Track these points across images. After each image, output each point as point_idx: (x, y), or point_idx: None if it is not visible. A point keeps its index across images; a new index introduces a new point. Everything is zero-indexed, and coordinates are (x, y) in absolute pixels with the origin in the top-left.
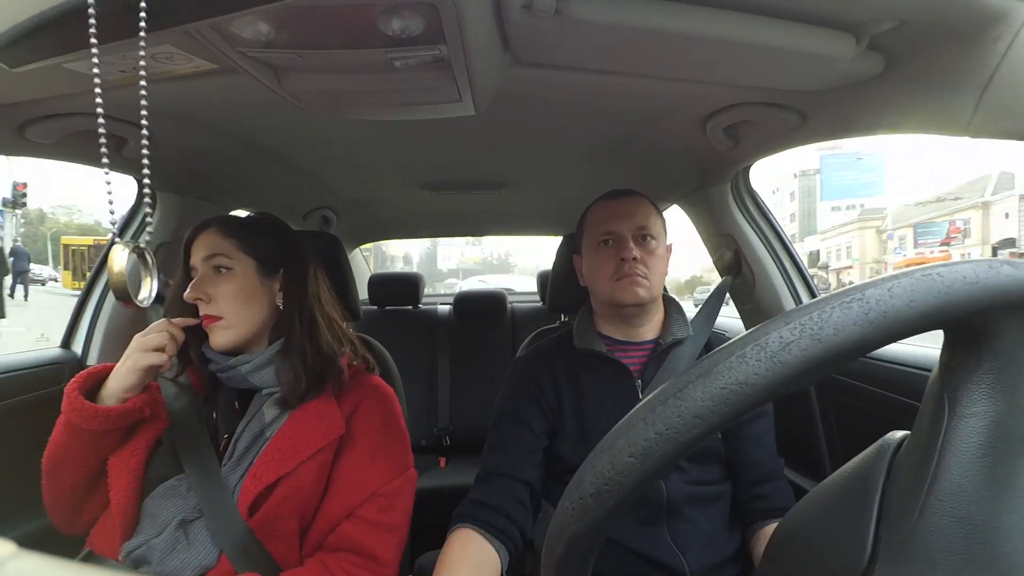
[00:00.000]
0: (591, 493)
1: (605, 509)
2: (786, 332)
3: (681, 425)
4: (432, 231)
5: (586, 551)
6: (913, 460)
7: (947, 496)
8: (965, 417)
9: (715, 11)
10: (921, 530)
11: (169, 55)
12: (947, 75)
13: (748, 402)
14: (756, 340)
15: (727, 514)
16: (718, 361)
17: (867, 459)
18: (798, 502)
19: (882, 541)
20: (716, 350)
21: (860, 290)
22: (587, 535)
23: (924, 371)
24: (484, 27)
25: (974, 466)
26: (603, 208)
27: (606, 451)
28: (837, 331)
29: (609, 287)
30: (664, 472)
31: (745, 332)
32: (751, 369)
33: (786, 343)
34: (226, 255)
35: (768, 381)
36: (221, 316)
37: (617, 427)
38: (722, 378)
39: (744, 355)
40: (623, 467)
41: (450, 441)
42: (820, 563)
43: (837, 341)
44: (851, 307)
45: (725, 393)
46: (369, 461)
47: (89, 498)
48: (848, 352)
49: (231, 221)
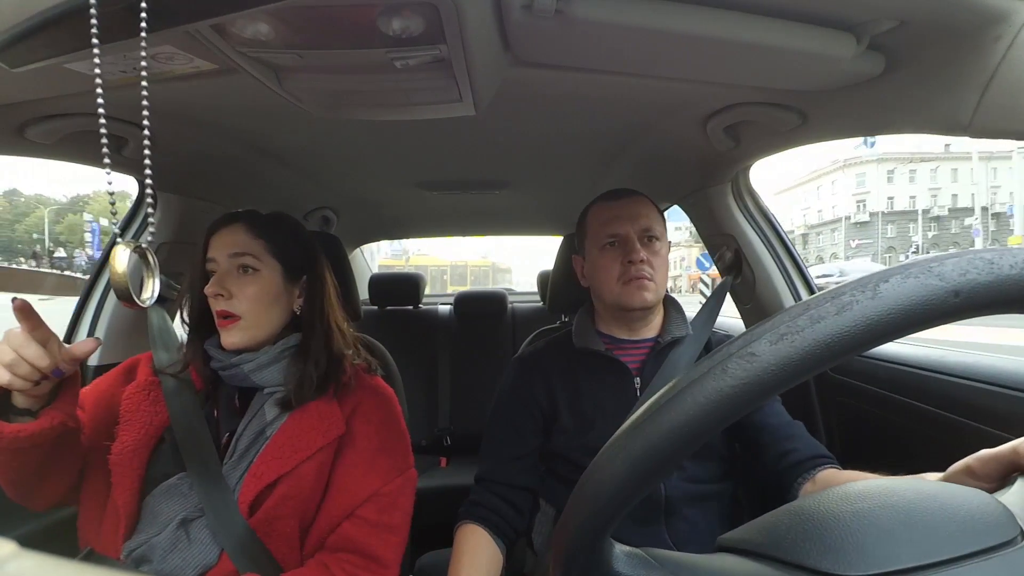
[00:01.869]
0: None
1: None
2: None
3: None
4: (432, 231)
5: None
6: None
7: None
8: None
9: (715, 11)
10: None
11: (170, 55)
12: (947, 75)
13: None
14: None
15: (725, 513)
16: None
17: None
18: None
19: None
20: (718, 346)
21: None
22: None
23: (924, 371)
24: (484, 27)
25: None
26: (606, 209)
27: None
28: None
29: (616, 290)
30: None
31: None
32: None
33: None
34: (255, 256)
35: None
36: (240, 316)
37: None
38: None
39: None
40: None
41: (451, 441)
42: None
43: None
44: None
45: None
46: (369, 461)
47: (32, 493)
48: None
49: (261, 220)
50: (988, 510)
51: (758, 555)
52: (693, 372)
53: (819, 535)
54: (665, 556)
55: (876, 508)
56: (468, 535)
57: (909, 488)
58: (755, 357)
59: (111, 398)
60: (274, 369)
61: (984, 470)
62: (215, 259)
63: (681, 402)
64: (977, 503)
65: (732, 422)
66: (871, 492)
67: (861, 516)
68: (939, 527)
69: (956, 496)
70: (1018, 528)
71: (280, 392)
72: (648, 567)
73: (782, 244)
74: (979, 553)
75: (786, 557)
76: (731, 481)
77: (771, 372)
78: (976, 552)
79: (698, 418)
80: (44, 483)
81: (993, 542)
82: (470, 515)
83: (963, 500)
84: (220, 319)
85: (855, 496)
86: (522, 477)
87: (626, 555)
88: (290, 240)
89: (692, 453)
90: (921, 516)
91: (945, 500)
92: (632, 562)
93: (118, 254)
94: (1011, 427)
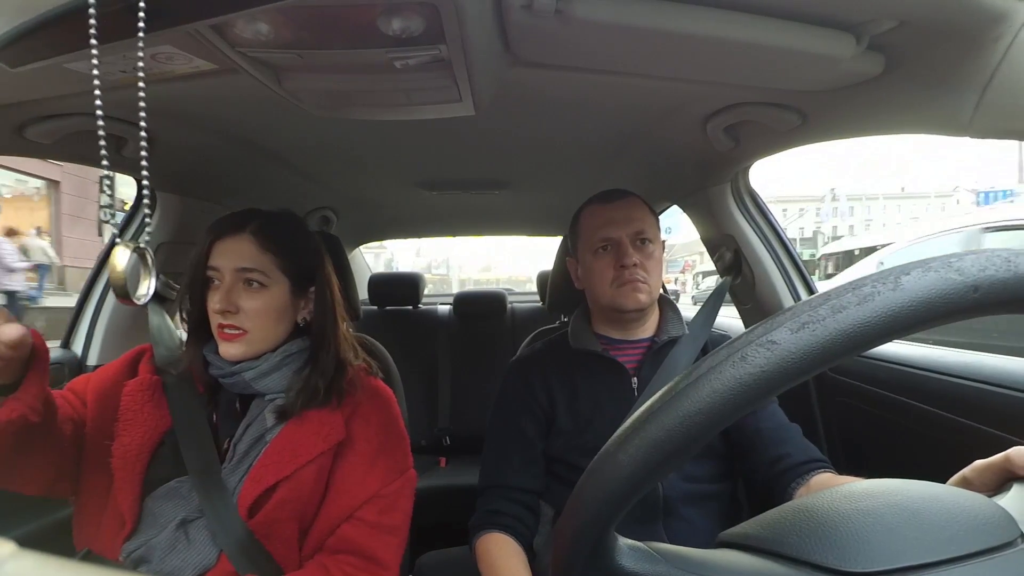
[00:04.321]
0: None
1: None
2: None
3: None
4: (432, 231)
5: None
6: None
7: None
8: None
9: (715, 11)
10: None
11: (169, 55)
12: (947, 75)
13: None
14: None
15: (724, 513)
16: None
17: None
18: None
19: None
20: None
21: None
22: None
23: (924, 371)
24: (484, 27)
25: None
26: (598, 213)
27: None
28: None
29: (610, 293)
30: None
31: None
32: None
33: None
34: (263, 272)
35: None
36: (246, 331)
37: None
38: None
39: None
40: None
41: (450, 441)
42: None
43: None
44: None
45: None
46: (368, 463)
47: (9, 480)
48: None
49: (268, 231)
50: (989, 512)
51: (760, 550)
52: (710, 360)
53: (823, 531)
54: (668, 550)
55: (881, 506)
56: (497, 545)
57: (913, 488)
58: (776, 345)
59: (114, 392)
60: (276, 376)
61: (980, 479)
62: (219, 269)
63: (698, 389)
64: (979, 506)
65: (750, 411)
66: (876, 491)
67: (866, 514)
68: (942, 527)
69: (959, 498)
70: (1018, 530)
71: (281, 399)
72: (651, 560)
73: (781, 244)
74: (981, 553)
75: (789, 553)
76: (730, 481)
77: (792, 360)
78: (978, 552)
79: (716, 406)
80: (19, 472)
81: (994, 543)
82: (493, 524)
83: (965, 502)
84: (223, 333)
85: (860, 494)
86: (534, 481)
87: (629, 548)
88: (299, 251)
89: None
90: (925, 516)
91: (948, 501)
92: (635, 555)
93: (117, 254)
94: (1011, 427)
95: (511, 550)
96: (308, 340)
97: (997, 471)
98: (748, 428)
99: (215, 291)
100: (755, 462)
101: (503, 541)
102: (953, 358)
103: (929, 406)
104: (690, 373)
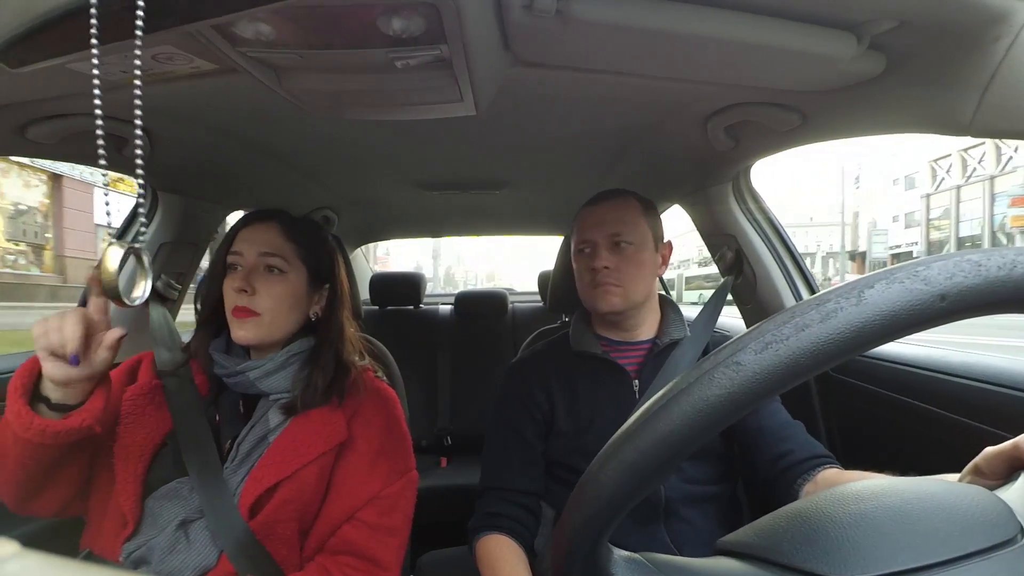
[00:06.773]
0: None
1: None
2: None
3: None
4: (432, 231)
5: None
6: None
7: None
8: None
9: (715, 11)
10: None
11: (170, 55)
12: (948, 75)
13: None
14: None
15: (725, 514)
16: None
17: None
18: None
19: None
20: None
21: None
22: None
23: (926, 371)
24: (485, 27)
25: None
26: (584, 215)
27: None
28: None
29: (587, 295)
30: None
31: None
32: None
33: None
34: (285, 259)
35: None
36: (260, 313)
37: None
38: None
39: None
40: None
41: (451, 441)
42: None
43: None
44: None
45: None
46: (370, 464)
47: (37, 494)
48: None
49: (293, 222)
50: (988, 508)
51: (756, 558)
52: (682, 381)
53: (816, 538)
54: (663, 561)
55: (873, 509)
56: (497, 547)
57: (907, 488)
58: (740, 367)
59: (115, 399)
60: (280, 376)
61: (990, 467)
62: (242, 253)
63: (669, 411)
64: (977, 501)
65: (721, 429)
66: (868, 493)
67: (857, 518)
68: (937, 527)
69: (955, 495)
70: (1018, 526)
71: (285, 398)
72: (645, 571)
73: (783, 244)
74: (978, 553)
75: (784, 560)
76: (730, 482)
77: (757, 381)
78: (975, 552)
79: (686, 427)
80: (49, 486)
81: (992, 541)
82: (493, 526)
83: (962, 499)
84: (238, 312)
85: (852, 498)
86: (534, 483)
87: (624, 560)
88: (319, 247)
89: (689, 455)
90: (919, 516)
91: (944, 499)
92: (630, 567)
93: (110, 254)
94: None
95: (511, 551)
96: (313, 340)
97: (1007, 459)
98: (750, 426)
99: (235, 275)
100: (758, 460)
101: (503, 543)
102: (955, 358)
103: (931, 406)
104: (663, 395)
